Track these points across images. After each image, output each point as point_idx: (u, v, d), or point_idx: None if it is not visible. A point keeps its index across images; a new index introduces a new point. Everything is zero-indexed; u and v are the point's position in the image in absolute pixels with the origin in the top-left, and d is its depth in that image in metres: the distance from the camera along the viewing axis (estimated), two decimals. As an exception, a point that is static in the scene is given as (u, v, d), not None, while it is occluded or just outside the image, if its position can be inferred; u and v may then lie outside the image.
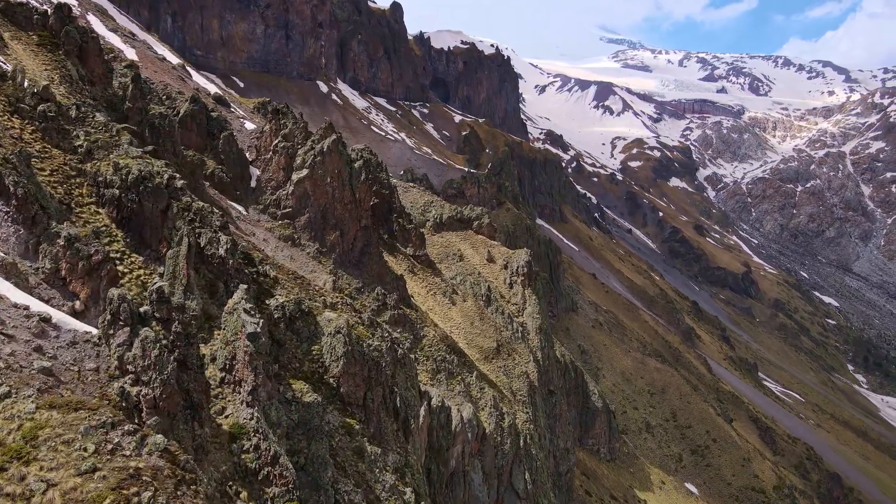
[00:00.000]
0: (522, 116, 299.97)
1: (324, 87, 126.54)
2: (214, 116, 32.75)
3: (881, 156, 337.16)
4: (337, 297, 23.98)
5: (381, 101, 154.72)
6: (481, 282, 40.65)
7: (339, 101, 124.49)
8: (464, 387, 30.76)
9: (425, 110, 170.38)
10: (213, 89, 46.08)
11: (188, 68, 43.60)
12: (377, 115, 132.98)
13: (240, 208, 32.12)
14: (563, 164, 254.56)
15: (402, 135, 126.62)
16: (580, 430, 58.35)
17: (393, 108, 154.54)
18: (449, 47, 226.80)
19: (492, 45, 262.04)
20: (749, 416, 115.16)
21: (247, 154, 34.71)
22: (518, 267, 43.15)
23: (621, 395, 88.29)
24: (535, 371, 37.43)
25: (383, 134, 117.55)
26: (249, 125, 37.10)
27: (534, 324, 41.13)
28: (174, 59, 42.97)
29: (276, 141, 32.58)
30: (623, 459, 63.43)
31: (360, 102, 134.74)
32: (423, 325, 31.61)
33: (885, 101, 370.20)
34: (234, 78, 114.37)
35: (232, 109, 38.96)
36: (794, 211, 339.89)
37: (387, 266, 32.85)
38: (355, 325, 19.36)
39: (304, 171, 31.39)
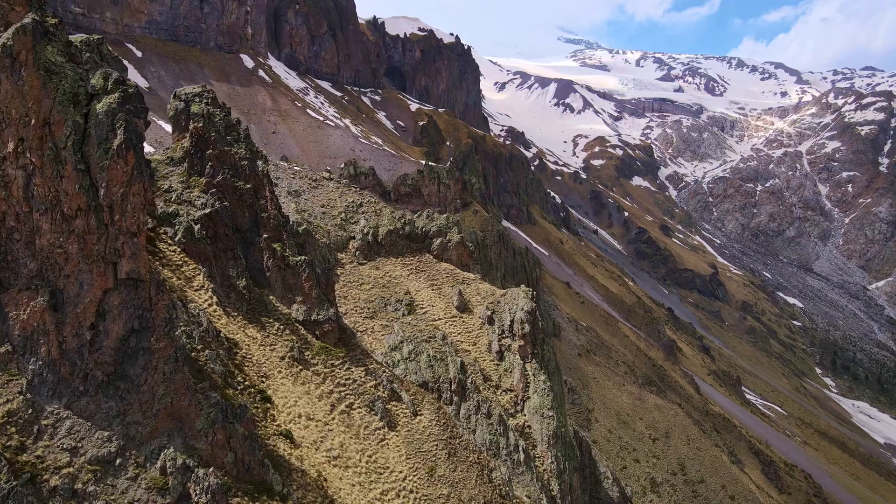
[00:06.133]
0: (483, 113, 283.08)
1: (249, 62, 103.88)
2: None
3: (837, 155, 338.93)
4: None
5: (325, 84, 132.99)
6: (448, 355, 21.48)
7: (267, 78, 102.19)
8: None
9: (377, 97, 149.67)
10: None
11: None
12: (316, 97, 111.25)
13: None
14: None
15: (347, 121, 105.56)
16: (589, 534, 39.42)
17: (339, 93, 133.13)
18: (405, 34, 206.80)
19: (451, 34, 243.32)
20: (749, 447, 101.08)
21: None
22: (513, 322, 23.68)
23: (618, 443, 70.98)
24: (558, 543, 18.75)
25: (322, 119, 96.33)
26: None
27: (544, 429, 22.31)
28: None
29: None
30: (644, 563, 45.51)
31: (296, 83, 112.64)
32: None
33: (840, 102, 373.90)
34: (130, 46, 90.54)
35: None
36: (755, 210, 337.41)
37: (200, 378, 12.75)
38: None
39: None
